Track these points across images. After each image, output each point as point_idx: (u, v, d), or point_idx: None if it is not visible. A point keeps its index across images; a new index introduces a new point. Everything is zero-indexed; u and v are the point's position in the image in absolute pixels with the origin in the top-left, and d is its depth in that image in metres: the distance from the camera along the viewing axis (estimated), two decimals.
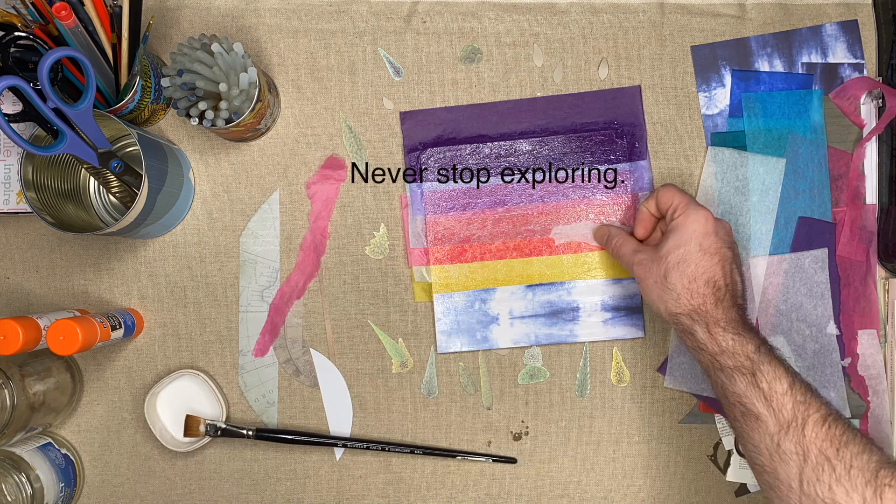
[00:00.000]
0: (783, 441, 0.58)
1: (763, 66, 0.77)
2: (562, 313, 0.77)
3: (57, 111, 0.64)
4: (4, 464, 0.71)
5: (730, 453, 0.77)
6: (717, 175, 0.77)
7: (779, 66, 0.77)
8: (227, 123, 0.69)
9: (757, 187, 0.76)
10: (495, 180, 0.77)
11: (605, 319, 0.77)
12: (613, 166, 0.77)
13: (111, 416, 0.78)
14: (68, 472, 0.76)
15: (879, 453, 0.57)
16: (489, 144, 0.78)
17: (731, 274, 0.66)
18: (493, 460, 0.76)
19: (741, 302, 0.66)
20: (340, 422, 0.78)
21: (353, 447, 0.76)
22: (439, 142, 0.78)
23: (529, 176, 0.77)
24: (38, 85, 0.63)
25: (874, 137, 0.76)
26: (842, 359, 0.76)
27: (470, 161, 0.78)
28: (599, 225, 0.75)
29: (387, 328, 0.78)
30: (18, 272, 0.79)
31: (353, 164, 0.78)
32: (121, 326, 0.73)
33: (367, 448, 0.76)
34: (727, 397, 0.63)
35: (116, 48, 0.70)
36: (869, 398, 0.75)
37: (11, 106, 0.72)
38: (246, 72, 0.68)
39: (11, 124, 0.66)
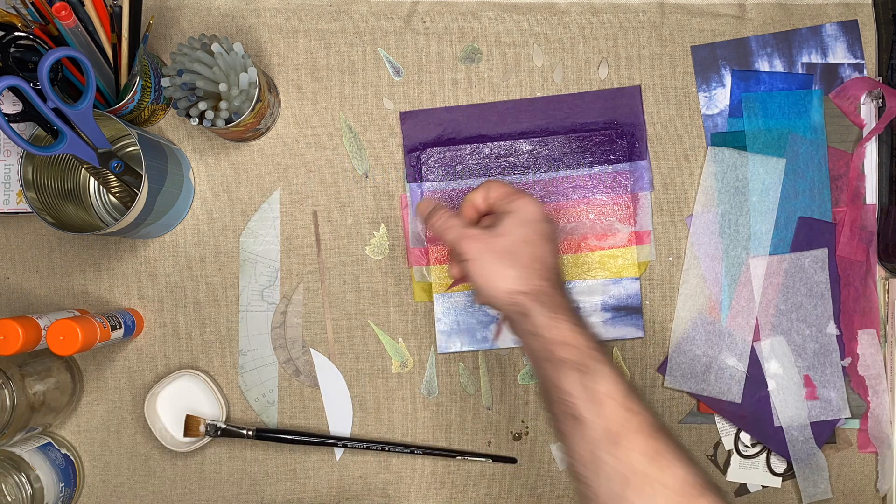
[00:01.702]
0: (602, 450, 0.54)
1: (763, 66, 0.77)
2: None
3: (57, 111, 0.64)
4: (4, 464, 0.71)
5: (730, 453, 0.77)
6: (717, 175, 0.77)
7: (779, 66, 0.77)
8: (227, 123, 0.69)
9: (757, 187, 0.76)
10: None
11: (605, 319, 0.77)
12: (613, 166, 0.77)
13: (111, 416, 0.78)
14: (68, 472, 0.76)
15: (694, 468, 0.54)
16: (489, 144, 0.78)
17: (559, 259, 0.64)
18: (493, 460, 0.76)
19: (566, 285, 0.64)
20: (340, 422, 0.78)
21: (353, 447, 0.76)
22: (439, 142, 0.78)
23: (529, 176, 0.77)
24: (38, 85, 0.63)
25: (874, 137, 0.76)
26: (842, 359, 0.76)
27: (470, 161, 0.78)
28: (423, 199, 0.68)
29: (387, 328, 0.78)
30: (18, 272, 0.79)
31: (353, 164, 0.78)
32: (121, 326, 0.73)
33: (367, 448, 0.76)
34: (551, 393, 0.58)
35: (116, 48, 0.70)
36: (869, 398, 0.76)
37: (11, 106, 0.72)
38: (246, 72, 0.68)
39: (11, 124, 0.66)
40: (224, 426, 0.75)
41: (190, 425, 0.75)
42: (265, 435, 0.75)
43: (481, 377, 0.78)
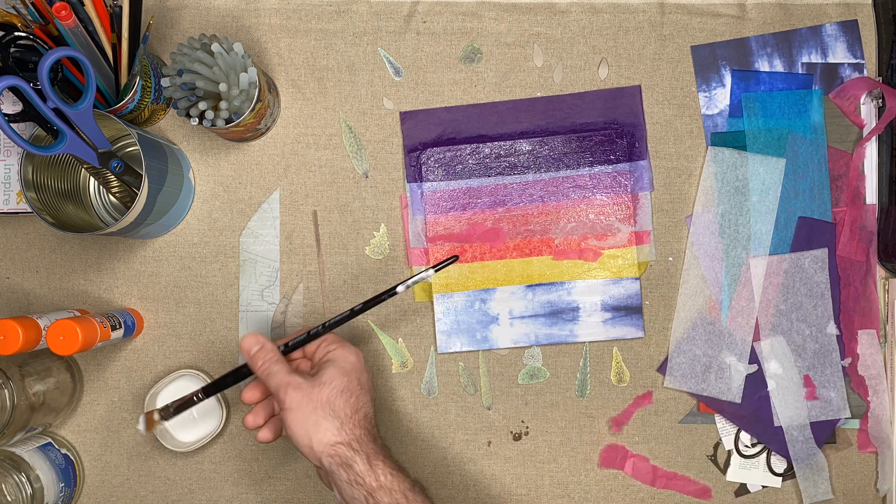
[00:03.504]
0: None
1: (763, 66, 0.77)
2: (562, 313, 0.77)
3: (57, 111, 0.64)
4: (4, 464, 0.71)
5: (730, 453, 0.77)
6: (717, 175, 0.77)
7: (779, 66, 0.77)
8: (227, 123, 0.69)
9: (757, 187, 0.76)
10: (495, 180, 0.77)
11: (605, 319, 0.77)
12: (613, 166, 0.77)
13: (111, 416, 0.78)
14: (68, 472, 0.76)
15: None
16: (489, 144, 0.78)
17: (373, 407, 0.66)
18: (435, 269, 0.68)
19: (377, 433, 0.67)
20: None
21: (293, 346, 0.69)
22: (439, 142, 0.78)
23: (529, 176, 0.77)
24: (38, 85, 0.63)
25: (874, 137, 0.76)
26: (842, 359, 0.76)
27: (470, 161, 0.78)
28: (248, 334, 0.66)
29: (387, 328, 0.78)
30: (18, 272, 0.79)
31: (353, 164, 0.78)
32: (121, 326, 0.73)
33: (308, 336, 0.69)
34: None
35: (116, 48, 0.70)
36: (869, 398, 0.76)
37: (11, 106, 0.72)
38: (246, 72, 0.68)
39: (11, 124, 0.66)
40: (173, 404, 0.68)
41: (149, 421, 0.69)
42: (212, 389, 0.68)
43: (481, 377, 0.78)
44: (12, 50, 0.68)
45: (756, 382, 0.76)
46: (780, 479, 0.76)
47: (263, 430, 0.68)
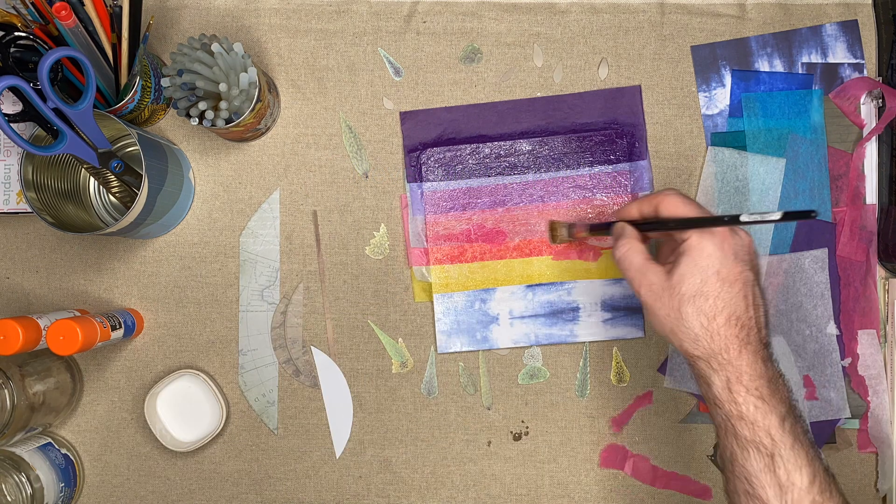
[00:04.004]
0: None
1: (763, 66, 0.77)
2: (562, 313, 0.77)
3: (57, 111, 0.64)
4: (4, 464, 0.71)
5: None
6: (717, 175, 0.77)
7: (779, 66, 0.77)
8: (227, 123, 0.69)
9: (757, 187, 0.76)
10: (495, 180, 0.77)
11: (605, 319, 0.77)
12: (613, 166, 0.77)
13: (111, 416, 0.78)
14: (68, 472, 0.76)
15: None
16: (489, 144, 0.78)
17: (753, 303, 0.55)
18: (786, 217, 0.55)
19: (766, 337, 0.56)
20: (341, 421, 0.78)
21: None
22: (439, 142, 0.78)
23: (529, 176, 0.77)
24: (38, 85, 0.63)
25: (874, 137, 0.76)
26: (842, 359, 0.76)
27: (470, 161, 0.78)
28: (619, 214, 0.61)
29: (387, 328, 0.78)
30: (18, 272, 0.79)
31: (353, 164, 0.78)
32: (121, 326, 0.73)
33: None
34: (734, 468, 0.54)
35: (116, 48, 0.70)
36: (869, 398, 0.75)
37: (11, 106, 0.72)
38: (246, 72, 0.68)
39: (11, 124, 0.66)
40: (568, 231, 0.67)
41: (554, 229, 0.71)
42: (596, 229, 0.66)
43: (481, 377, 0.78)
44: (12, 50, 0.68)
45: None
46: None
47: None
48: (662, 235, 0.62)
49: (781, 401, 0.53)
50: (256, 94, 0.69)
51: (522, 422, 0.78)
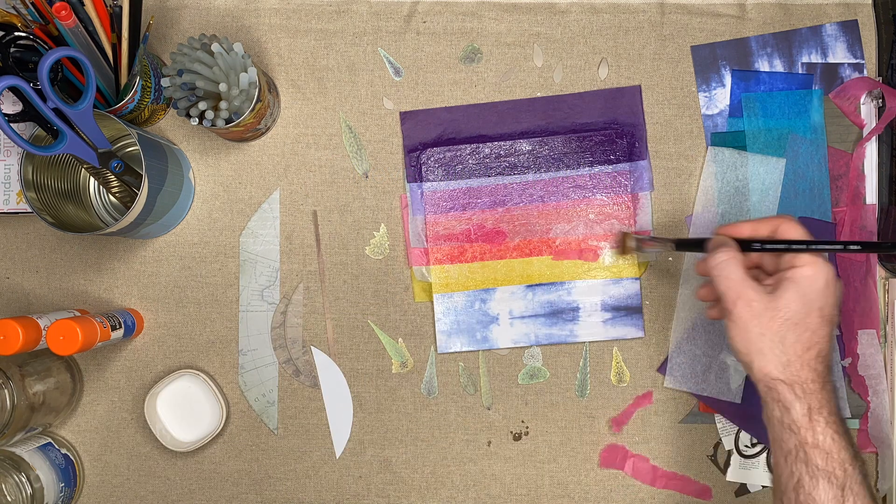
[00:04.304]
0: None
1: (763, 66, 0.77)
2: (562, 313, 0.77)
3: (57, 111, 0.64)
4: (4, 464, 0.71)
5: (730, 453, 0.77)
6: (717, 175, 0.77)
7: (779, 66, 0.77)
8: (227, 123, 0.69)
9: (757, 187, 0.76)
10: (495, 180, 0.77)
11: (605, 319, 0.77)
12: (613, 166, 0.77)
13: (111, 416, 0.78)
14: (68, 472, 0.76)
15: None
16: (489, 144, 0.78)
17: (834, 347, 0.58)
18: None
19: (835, 381, 0.58)
20: (341, 421, 0.78)
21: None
22: (439, 142, 0.78)
23: (529, 176, 0.77)
24: (38, 85, 0.63)
25: (874, 137, 0.76)
26: (842, 359, 0.76)
27: (470, 161, 0.78)
28: (726, 230, 0.61)
29: (387, 328, 0.78)
30: (18, 272, 0.79)
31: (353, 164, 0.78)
32: (121, 326, 0.73)
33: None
34: (798, 495, 0.55)
35: (116, 48, 0.70)
36: (869, 398, 0.75)
37: (11, 106, 0.72)
38: (246, 72, 0.68)
39: (11, 124, 0.66)
40: (637, 243, 0.69)
41: (624, 244, 0.71)
42: (683, 246, 0.66)
43: (481, 377, 0.78)
44: (12, 50, 0.68)
45: None
46: None
47: (713, 311, 0.64)
48: (770, 258, 0.61)
49: (850, 437, 0.56)
50: (256, 94, 0.69)
51: (522, 422, 0.78)
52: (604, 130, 0.77)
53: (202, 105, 0.68)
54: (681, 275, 0.77)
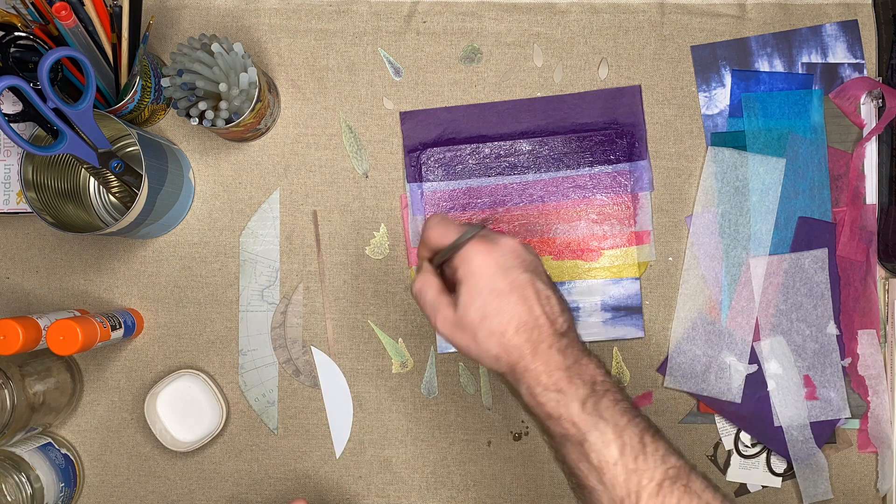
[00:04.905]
0: None
1: (763, 66, 0.77)
2: None
3: (57, 111, 0.64)
4: (4, 464, 0.71)
5: (730, 453, 0.77)
6: (717, 175, 0.77)
7: (779, 66, 0.77)
8: (227, 123, 0.69)
9: (757, 187, 0.76)
10: (495, 180, 0.77)
11: (605, 319, 0.77)
12: (613, 166, 0.77)
13: (111, 416, 0.78)
14: (68, 472, 0.76)
15: None
16: (489, 144, 0.78)
17: (537, 301, 0.53)
18: None
19: (563, 325, 0.54)
20: (341, 421, 0.78)
21: None
22: (439, 142, 0.78)
23: (529, 176, 0.77)
24: (38, 85, 0.63)
25: (874, 137, 0.76)
26: (842, 359, 0.76)
27: (470, 161, 0.78)
28: (418, 252, 0.58)
29: (387, 328, 0.78)
30: (18, 272, 0.79)
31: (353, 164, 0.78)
32: (121, 326, 0.73)
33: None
34: (562, 465, 0.54)
35: (116, 48, 0.70)
36: (869, 398, 0.75)
37: (11, 106, 0.72)
38: (246, 72, 0.68)
39: (11, 124, 0.66)
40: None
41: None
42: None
43: (481, 377, 0.78)
44: (12, 50, 0.68)
45: (756, 382, 0.76)
46: (780, 479, 0.76)
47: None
48: (449, 267, 0.57)
49: (583, 384, 0.52)
50: (256, 94, 0.69)
51: (522, 422, 0.78)
52: (604, 130, 0.77)
53: (202, 105, 0.68)
54: (681, 275, 0.77)
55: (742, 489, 0.77)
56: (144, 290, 0.78)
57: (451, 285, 0.56)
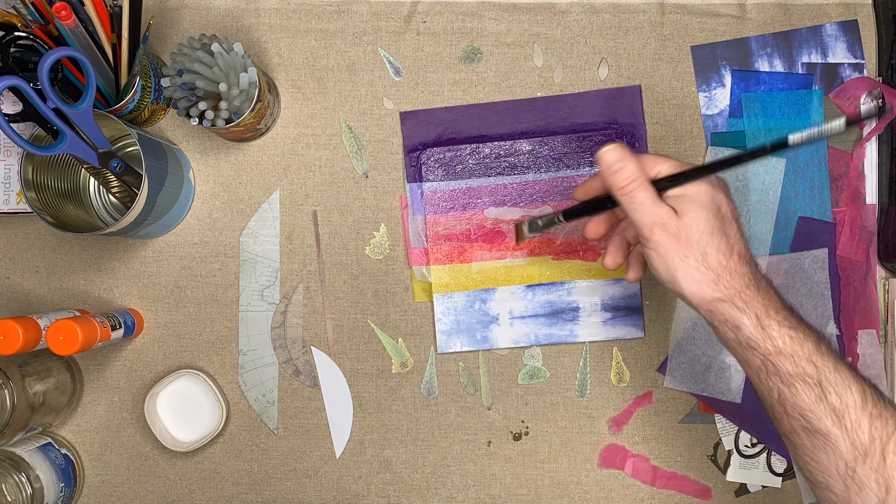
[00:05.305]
0: (860, 468, 0.49)
1: (763, 66, 0.77)
2: (562, 313, 0.77)
3: (57, 111, 0.64)
4: (4, 464, 0.71)
5: (730, 453, 0.77)
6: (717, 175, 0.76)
7: (779, 66, 0.77)
8: (227, 123, 0.69)
9: (757, 187, 0.76)
10: (495, 180, 0.77)
11: (605, 319, 0.77)
12: None
13: (111, 416, 0.78)
14: (68, 472, 0.76)
15: None
16: (489, 144, 0.78)
17: (746, 239, 0.54)
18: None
19: (768, 276, 0.54)
20: (341, 421, 0.78)
21: None
22: (439, 142, 0.78)
23: (529, 176, 0.77)
24: (38, 85, 0.63)
25: (874, 137, 0.76)
26: None
27: (470, 161, 0.78)
28: (613, 146, 0.55)
29: (387, 328, 0.78)
30: (18, 272, 0.79)
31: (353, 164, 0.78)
32: (121, 326, 0.73)
33: None
34: (784, 407, 0.52)
35: (116, 48, 0.70)
36: None
37: (11, 106, 0.72)
38: (246, 72, 0.68)
39: (11, 124, 0.66)
40: (542, 222, 0.67)
41: (518, 233, 0.69)
42: (572, 214, 0.64)
43: (481, 377, 0.78)
44: (12, 50, 0.68)
45: None
46: (780, 479, 0.76)
47: (630, 270, 0.60)
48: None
49: (807, 327, 0.52)
50: (256, 94, 0.69)
51: (522, 422, 0.78)
52: (604, 130, 0.77)
53: (202, 105, 0.68)
54: None
55: (742, 489, 0.77)
56: (144, 290, 0.78)
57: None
